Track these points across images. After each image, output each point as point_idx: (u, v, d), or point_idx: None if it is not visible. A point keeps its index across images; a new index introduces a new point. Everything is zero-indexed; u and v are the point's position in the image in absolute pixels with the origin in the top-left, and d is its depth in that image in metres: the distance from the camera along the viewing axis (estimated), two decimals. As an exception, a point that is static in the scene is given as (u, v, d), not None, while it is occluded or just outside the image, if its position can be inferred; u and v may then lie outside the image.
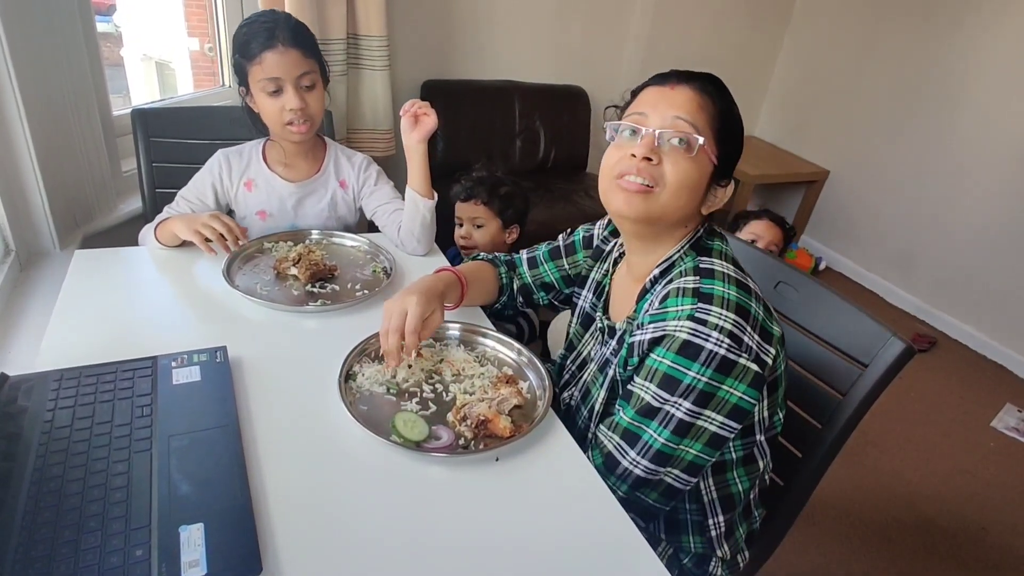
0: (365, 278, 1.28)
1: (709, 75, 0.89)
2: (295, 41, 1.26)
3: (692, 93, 0.86)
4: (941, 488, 2.06)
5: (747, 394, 0.82)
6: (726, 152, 0.88)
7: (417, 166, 1.33)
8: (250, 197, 1.40)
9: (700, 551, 0.98)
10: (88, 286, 1.15)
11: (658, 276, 0.92)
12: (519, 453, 0.87)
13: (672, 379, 0.82)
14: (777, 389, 0.90)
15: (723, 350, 0.80)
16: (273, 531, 0.72)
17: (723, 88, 0.89)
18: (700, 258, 0.89)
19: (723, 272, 0.86)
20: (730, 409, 0.82)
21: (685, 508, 0.96)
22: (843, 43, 3.28)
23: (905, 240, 3.10)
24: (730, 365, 0.81)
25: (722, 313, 0.81)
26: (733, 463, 0.92)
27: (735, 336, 0.81)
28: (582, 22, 3.05)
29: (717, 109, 0.86)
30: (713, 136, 0.86)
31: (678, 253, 0.91)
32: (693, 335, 0.81)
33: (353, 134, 2.49)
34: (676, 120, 0.85)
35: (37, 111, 1.38)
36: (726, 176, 0.90)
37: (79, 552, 0.65)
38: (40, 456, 0.76)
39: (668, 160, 0.85)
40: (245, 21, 1.29)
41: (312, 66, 1.30)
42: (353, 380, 0.97)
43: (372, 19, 2.30)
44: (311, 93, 1.30)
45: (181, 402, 0.86)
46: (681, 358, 0.82)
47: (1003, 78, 2.65)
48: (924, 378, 2.63)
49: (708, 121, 0.85)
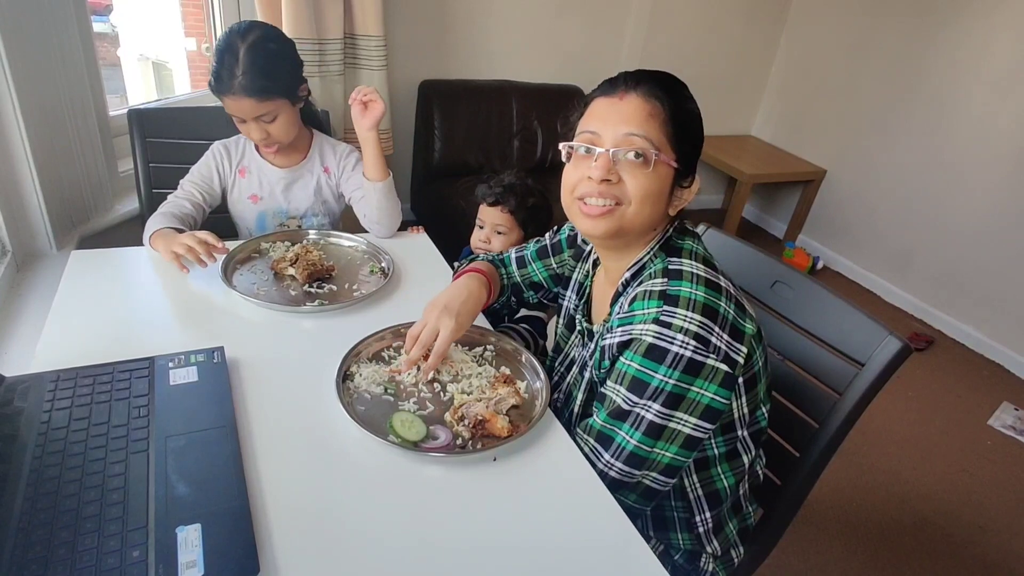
0: (363, 278, 1.28)
1: (658, 75, 0.87)
2: (248, 89, 1.27)
3: (640, 101, 0.85)
4: (939, 487, 2.07)
5: (719, 394, 0.82)
6: (684, 152, 0.87)
7: (369, 152, 1.38)
8: (243, 183, 1.47)
9: (689, 547, 0.99)
10: (85, 287, 1.14)
11: (629, 279, 0.92)
12: (517, 453, 0.87)
13: (640, 382, 0.82)
14: (757, 385, 0.90)
15: (689, 352, 0.80)
16: (270, 531, 0.72)
17: (673, 86, 0.87)
18: (670, 259, 0.89)
19: (692, 272, 0.85)
20: (702, 411, 0.82)
21: (671, 505, 0.96)
22: (840, 42, 3.28)
23: (902, 239, 3.11)
24: (698, 367, 0.81)
25: (687, 315, 0.81)
26: (716, 459, 0.92)
27: (701, 337, 0.80)
28: (579, 22, 3.06)
29: (668, 113, 0.85)
30: (668, 141, 0.85)
31: (648, 255, 0.91)
32: (658, 338, 0.81)
33: (350, 133, 2.49)
34: (629, 137, 0.84)
35: (34, 112, 1.38)
36: (689, 175, 0.90)
37: (76, 553, 0.65)
38: (36, 457, 0.75)
39: (627, 176, 0.85)
40: (218, 43, 1.31)
41: (268, 107, 1.31)
42: (351, 380, 0.96)
43: (369, 19, 2.31)
44: (273, 124, 1.35)
45: (178, 403, 0.86)
46: (648, 361, 0.82)
47: (999, 77, 2.66)
48: (921, 377, 2.63)
49: (660, 127, 0.84)
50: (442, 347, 0.95)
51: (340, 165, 1.51)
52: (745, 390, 0.88)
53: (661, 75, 0.88)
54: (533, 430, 0.90)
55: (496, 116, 2.90)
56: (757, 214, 3.91)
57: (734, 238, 1.21)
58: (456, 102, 2.81)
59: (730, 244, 1.21)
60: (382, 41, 2.36)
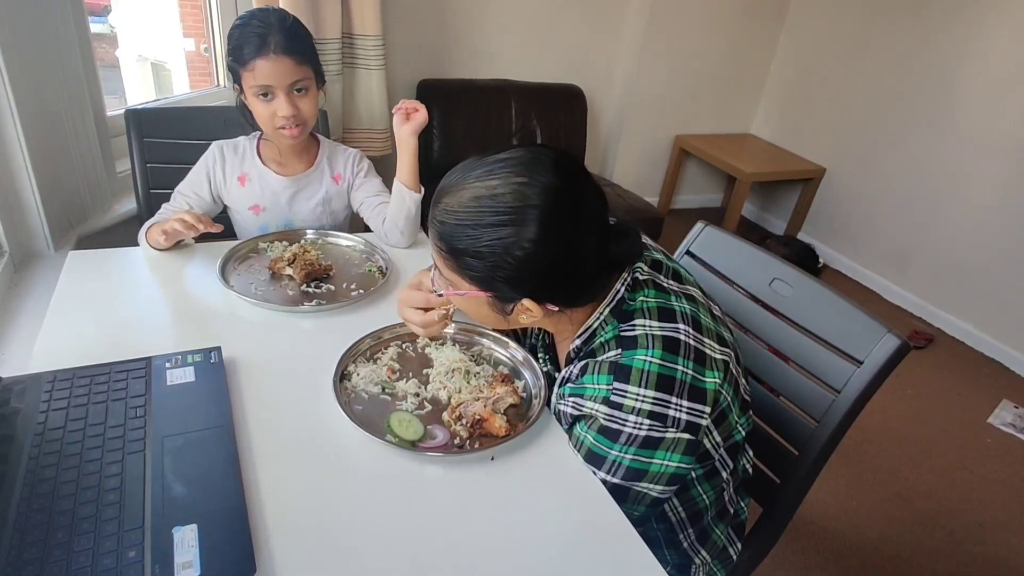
0: (361, 278, 1.27)
1: (443, 201, 0.79)
2: (288, 49, 1.23)
3: (434, 259, 0.85)
4: (938, 485, 2.07)
5: (683, 462, 0.80)
6: (482, 283, 0.80)
7: (408, 159, 1.33)
8: (243, 191, 1.39)
9: (677, 561, 0.98)
10: (82, 287, 1.14)
11: (580, 346, 0.89)
12: (514, 452, 0.87)
13: (597, 456, 0.82)
14: (728, 416, 0.85)
15: (644, 432, 0.78)
16: (267, 532, 0.71)
17: (451, 224, 0.78)
18: (621, 326, 0.83)
19: (646, 335, 0.81)
20: (667, 479, 0.81)
21: (654, 527, 0.95)
22: (839, 40, 3.28)
23: (902, 237, 3.11)
24: (656, 442, 0.79)
25: (639, 393, 0.77)
26: (695, 480, 0.90)
27: (656, 415, 0.77)
28: (578, 21, 3.05)
29: (444, 252, 0.80)
30: (460, 275, 0.81)
31: (598, 322, 0.86)
32: (609, 420, 0.79)
33: (349, 134, 2.49)
34: (436, 270, 0.88)
35: (31, 112, 1.38)
36: (509, 300, 0.81)
37: (72, 554, 0.65)
38: (33, 458, 0.75)
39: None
40: (239, 21, 1.27)
41: (306, 72, 1.28)
42: (348, 380, 0.96)
43: (367, 18, 2.30)
44: (304, 98, 1.29)
45: (175, 403, 0.86)
46: (602, 438, 0.81)
47: (999, 74, 2.66)
48: (921, 375, 2.63)
49: (444, 265, 0.83)
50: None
51: (352, 171, 1.46)
52: (716, 425, 0.84)
53: (449, 200, 0.79)
54: (531, 429, 0.89)
55: (495, 116, 2.90)
56: (756, 212, 3.90)
57: (732, 235, 1.21)
58: (455, 102, 2.81)
59: (729, 241, 1.21)
60: (380, 41, 2.35)
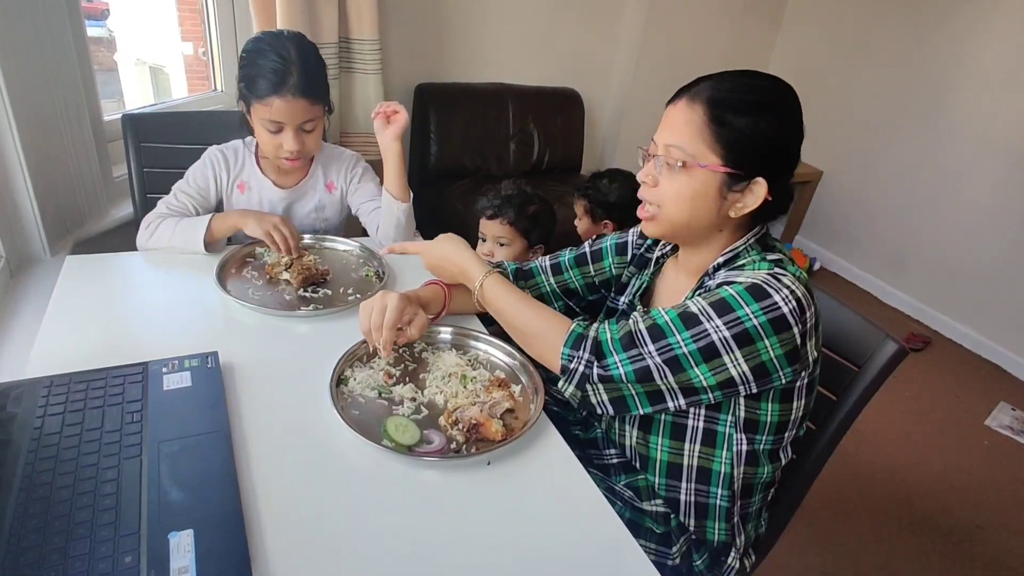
0: (358, 282, 1.27)
1: (714, 78, 0.88)
2: (305, 91, 1.22)
3: (680, 110, 0.88)
4: (936, 487, 2.07)
5: (778, 360, 0.82)
6: (736, 155, 0.85)
7: (393, 166, 1.33)
8: (242, 199, 1.40)
9: (724, 539, 0.97)
10: (79, 292, 1.14)
11: (721, 264, 0.92)
12: (511, 457, 0.87)
13: (727, 304, 0.82)
14: (812, 394, 0.92)
15: (786, 310, 0.80)
16: (264, 537, 0.71)
17: (725, 92, 0.86)
18: (767, 254, 0.89)
19: (794, 273, 0.86)
20: (756, 364, 0.81)
21: (717, 493, 0.95)
22: (836, 43, 3.29)
23: (899, 240, 3.11)
24: (783, 326, 0.80)
25: (796, 284, 0.82)
26: (763, 453, 0.92)
27: (800, 304, 0.81)
28: (574, 24, 3.05)
29: (707, 117, 0.85)
30: (709, 146, 0.85)
31: (744, 246, 0.91)
32: (766, 283, 0.81)
33: (345, 137, 2.49)
34: (667, 147, 0.88)
35: (27, 117, 1.37)
36: (743, 179, 0.86)
37: (68, 559, 0.65)
38: (29, 463, 0.75)
39: (663, 179, 0.89)
40: (255, 46, 1.24)
41: (318, 111, 1.27)
42: (345, 384, 0.96)
43: (364, 22, 2.30)
44: (311, 134, 1.29)
45: (172, 408, 0.85)
46: (746, 293, 0.81)
47: (995, 78, 2.67)
48: (919, 377, 2.63)
49: (697, 134, 0.85)
50: (392, 316, 0.94)
51: (347, 176, 1.45)
52: (806, 393, 0.89)
53: (719, 77, 0.88)
54: (527, 434, 0.89)
55: (492, 119, 2.90)
56: (754, 215, 3.91)
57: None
58: (452, 105, 2.81)
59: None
60: (377, 44, 2.35)
